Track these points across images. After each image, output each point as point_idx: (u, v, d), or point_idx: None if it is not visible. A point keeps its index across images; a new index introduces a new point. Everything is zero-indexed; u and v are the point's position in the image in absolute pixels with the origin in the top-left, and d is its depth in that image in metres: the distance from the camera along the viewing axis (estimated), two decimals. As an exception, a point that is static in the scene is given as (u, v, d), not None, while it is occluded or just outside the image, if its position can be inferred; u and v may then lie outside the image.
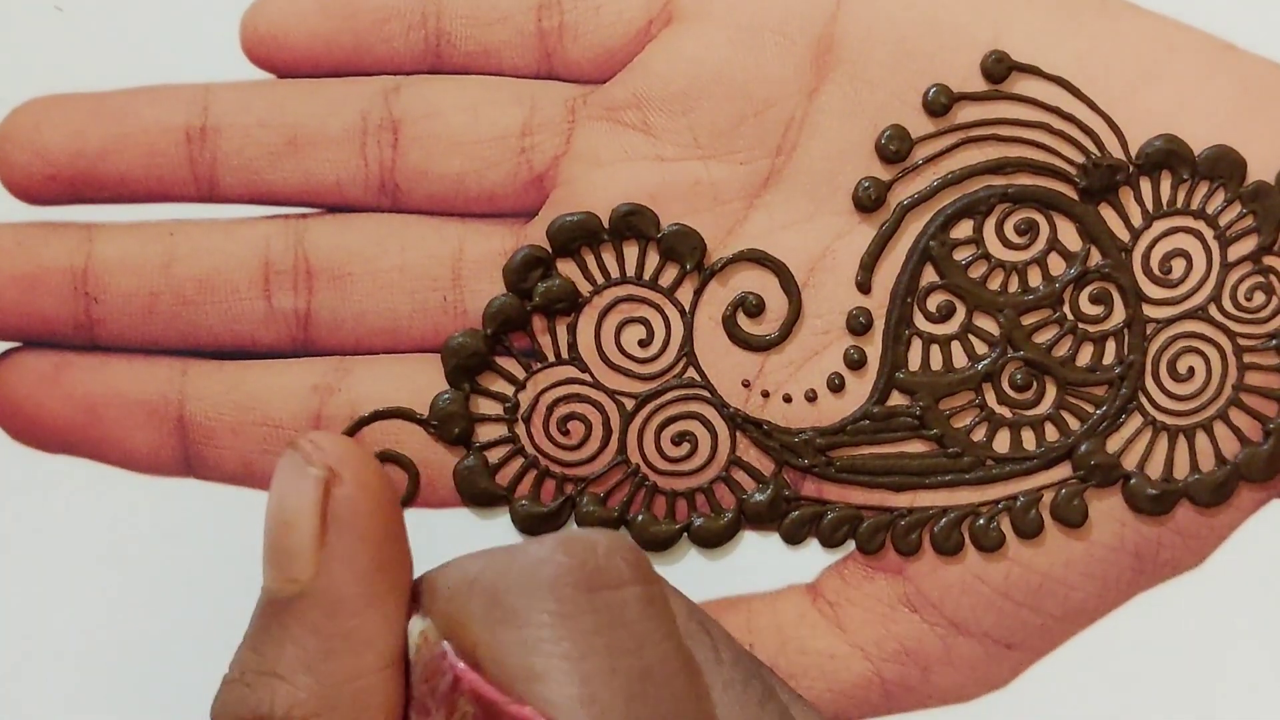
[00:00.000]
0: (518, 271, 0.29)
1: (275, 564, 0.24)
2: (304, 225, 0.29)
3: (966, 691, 0.31)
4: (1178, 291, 0.30)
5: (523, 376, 0.30)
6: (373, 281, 0.29)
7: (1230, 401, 0.31)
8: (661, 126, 0.29)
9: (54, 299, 0.29)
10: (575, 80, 0.30)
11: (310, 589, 0.23)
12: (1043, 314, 0.30)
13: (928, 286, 0.30)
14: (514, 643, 0.22)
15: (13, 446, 0.30)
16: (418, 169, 0.29)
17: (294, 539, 0.24)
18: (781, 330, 0.30)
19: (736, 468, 0.30)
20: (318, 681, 0.23)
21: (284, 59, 0.29)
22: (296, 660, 0.23)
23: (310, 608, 0.23)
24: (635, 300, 0.30)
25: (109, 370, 0.29)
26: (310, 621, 0.23)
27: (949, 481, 0.30)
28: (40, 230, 0.29)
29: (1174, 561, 0.31)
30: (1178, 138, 0.30)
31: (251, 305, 0.29)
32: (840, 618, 0.31)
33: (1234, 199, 0.30)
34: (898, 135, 0.29)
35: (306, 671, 0.23)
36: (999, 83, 0.30)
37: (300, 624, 0.23)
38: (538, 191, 0.29)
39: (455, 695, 0.22)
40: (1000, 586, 0.30)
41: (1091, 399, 0.30)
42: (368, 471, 0.24)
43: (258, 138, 0.29)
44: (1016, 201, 0.30)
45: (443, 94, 0.29)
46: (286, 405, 0.29)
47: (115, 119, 0.29)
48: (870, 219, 0.30)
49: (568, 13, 0.29)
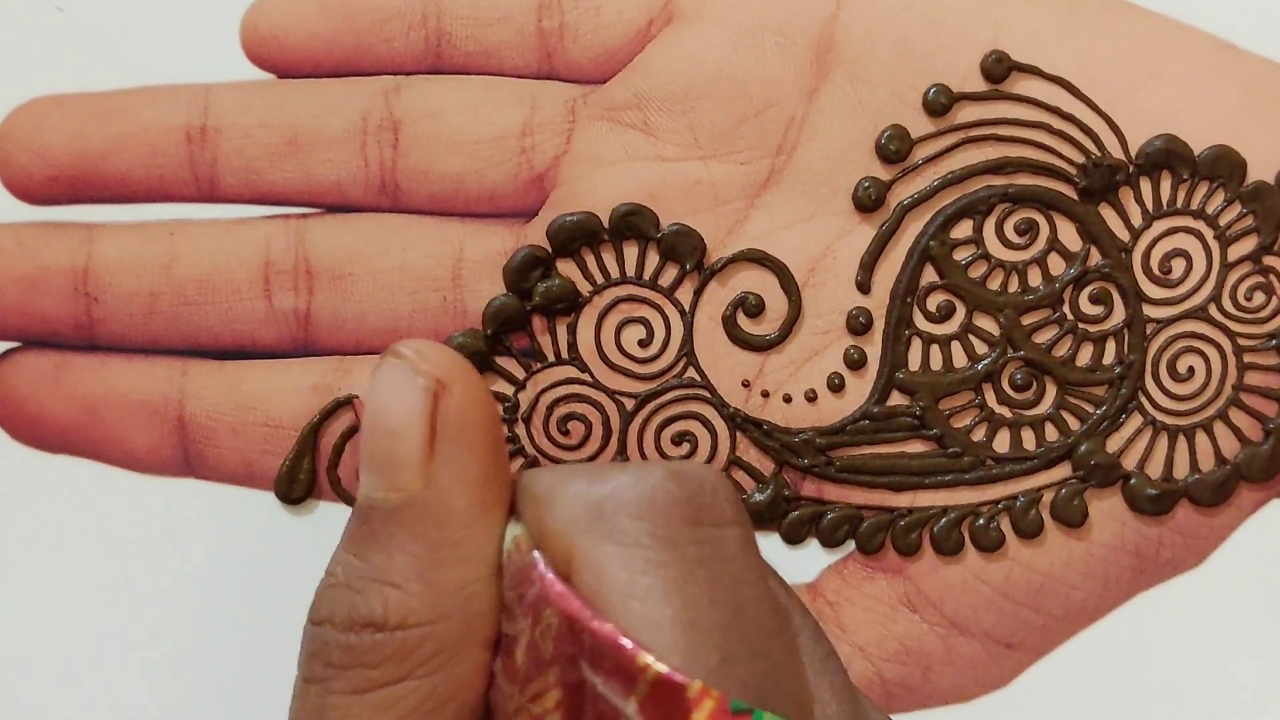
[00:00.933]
0: (518, 271, 0.29)
1: (381, 472, 0.24)
2: (304, 225, 0.29)
3: (967, 691, 0.31)
4: (1178, 291, 0.30)
5: (523, 376, 0.30)
6: (373, 281, 0.29)
7: (1230, 401, 0.31)
8: (662, 126, 0.29)
9: (54, 299, 0.29)
10: (575, 80, 0.30)
11: (419, 499, 0.23)
12: (1043, 314, 0.30)
13: (928, 286, 0.30)
14: (616, 557, 0.22)
15: (13, 446, 0.30)
16: (418, 169, 0.29)
17: (402, 448, 0.24)
18: (781, 330, 0.30)
19: (736, 467, 0.30)
20: (430, 589, 0.23)
21: (284, 59, 0.29)
22: (408, 568, 0.23)
23: (419, 518, 0.23)
24: (635, 300, 0.30)
25: (109, 370, 0.29)
26: (420, 531, 0.23)
27: (949, 481, 0.30)
28: (41, 230, 0.29)
29: (1174, 561, 0.31)
30: (1178, 138, 0.30)
31: (252, 305, 0.29)
32: (840, 618, 0.31)
33: (1234, 199, 0.30)
34: (898, 135, 0.29)
35: (419, 579, 0.23)
36: (999, 83, 0.30)
37: (408, 533, 0.23)
38: (538, 191, 0.30)
39: (542, 606, 0.23)
40: (1000, 586, 0.30)
41: (1091, 399, 0.30)
42: (475, 383, 0.24)
43: (258, 138, 0.29)
44: (1016, 201, 0.30)
45: (443, 94, 0.29)
46: (287, 405, 0.29)
47: (116, 119, 0.29)
48: (870, 219, 0.30)
49: (568, 13, 0.29)
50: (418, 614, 0.23)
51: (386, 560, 0.23)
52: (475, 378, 0.24)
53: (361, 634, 0.23)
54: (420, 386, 0.24)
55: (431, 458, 0.24)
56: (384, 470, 0.24)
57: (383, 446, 0.24)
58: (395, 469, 0.24)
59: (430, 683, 0.23)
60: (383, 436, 0.24)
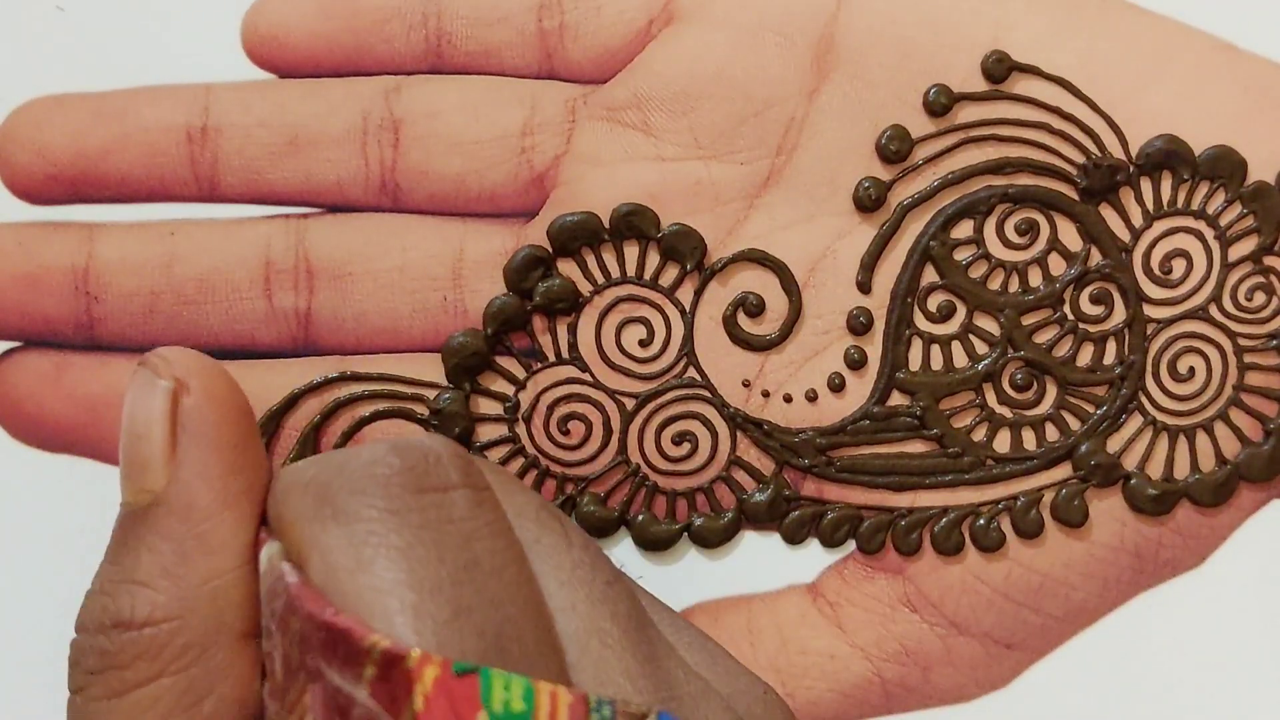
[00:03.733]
0: (518, 271, 0.29)
1: (129, 476, 0.24)
2: (305, 225, 0.29)
3: (967, 692, 0.31)
4: (1178, 291, 0.30)
5: (523, 376, 0.30)
6: (373, 281, 0.29)
7: (1230, 401, 0.31)
8: (662, 126, 0.29)
9: (55, 298, 0.29)
10: (576, 80, 0.30)
11: (164, 497, 0.24)
12: (1043, 314, 0.30)
13: (928, 286, 0.30)
14: (342, 537, 0.23)
15: (13, 446, 0.30)
16: (418, 169, 0.29)
17: (145, 450, 0.24)
18: (782, 330, 0.30)
19: (737, 467, 0.30)
20: (175, 584, 0.23)
21: (285, 59, 0.29)
22: (154, 565, 0.24)
23: (164, 515, 0.24)
24: (636, 300, 0.30)
25: (110, 370, 0.29)
26: (165, 529, 0.24)
27: (949, 481, 0.30)
28: (41, 230, 0.29)
29: (1174, 561, 0.31)
30: (1178, 138, 0.30)
31: (252, 305, 0.29)
32: (840, 618, 0.31)
33: (1234, 199, 0.30)
34: (898, 135, 0.29)
35: (164, 575, 0.24)
36: (999, 83, 0.30)
37: (155, 532, 0.24)
38: (538, 191, 0.29)
39: (289, 615, 0.22)
40: (1000, 586, 0.30)
41: (1092, 399, 0.30)
42: (215, 381, 0.25)
43: (258, 138, 0.29)
44: (1017, 201, 0.30)
45: (443, 94, 0.29)
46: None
47: (116, 119, 0.29)
48: (871, 219, 0.30)
49: (568, 13, 0.29)
50: (164, 609, 0.23)
51: (134, 561, 0.24)
52: (218, 376, 0.25)
53: (111, 635, 0.23)
54: (162, 388, 0.24)
55: (173, 456, 0.24)
56: (131, 474, 0.24)
57: (130, 451, 0.24)
58: (141, 470, 0.24)
59: (185, 678, 0.23)
60: (130, 441, 0.24)
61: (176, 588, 0.23)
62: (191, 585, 0.24)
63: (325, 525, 0.23)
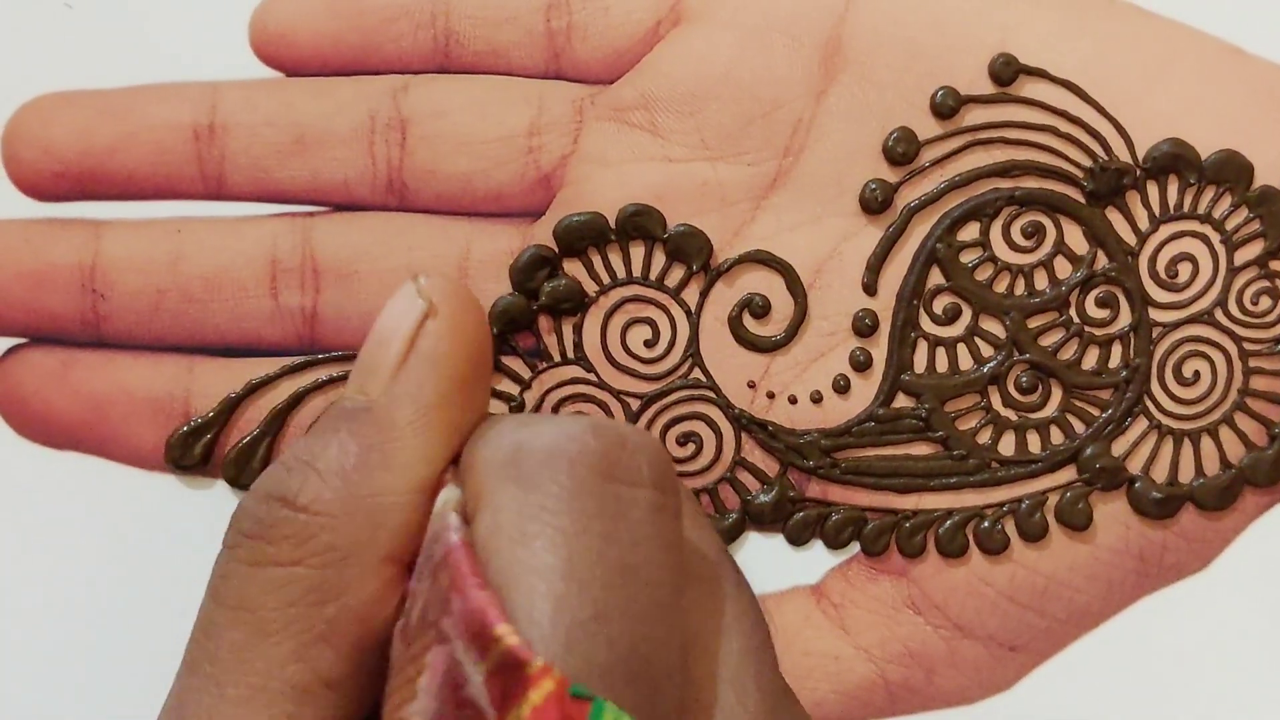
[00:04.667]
0: (524, 271, 0.29)
1: (356, 374, 0.25)
2: (311, 224, 0.29)
3: (970, 694, 0.31)
4: (1184, 295, 0.30)
5: (528, 376, 0.30)
6: (379, 280, 0.29)
7: (1236, 406, 0.31)
8: (669, 127, 0.29)
9: (61, 296, 0.29)
10: (583, 80, 0.30)
11: (373, 404, 0.24)
12: (1049, 317, 0.30)
13: (934, 289, 0.30)
14: (515, 501, 0.23)
15: (19, 443, 0.30)
16: (425, 168, 0.29)
17: (379, 357, 0.25)
18: (787, 332, 0.30)
19: (741, 469, 0.30)
20: (345, 485, 0.24)
21: (292, 57, 0.29)
22: (335, 460, 0.24)
23: (366, 420, 0.24)
24: (641, 301, 0.30)
25: (116, 367, 0.29)
26: (360, 432, 0.24)
27: (954, 484, 0.30)
28: (48, 227, 0.29)
29: (1178, 565, 0.31)
30: (1184, 141, 0.30)
31: (258, 303, 0.29)
32: (844, 619, 0.31)
33: (1241, 203, 0.30)
34: (905, 137, 0.29)
35: (338, 474, 0.24)
36: (1006, 85, 0.30)
37: (351, 432, 0.24)
38: (545, 191, 0.30)
39: (441, 568, 0.22)
40: (1005, 589, 0.30)
41: (1097, 402, 0.30)
42: (464, 314, 0.25)
43: (265, 136, 0.29)
44: (1023, 204, 0.30)
45: (451, 93, 0.29)
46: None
47: (123, 116, 0.29)
48: (877, 221, 0.30)
49: (576, 13, 0.29)
50: (325, 504, 0.24)
51: (322, 448, 0.24)
52: (470, 311, 0.25)
53: (272, 506, 0.24)
54: (417, 306, 0.25)
55: (399, 372, 0.24)
56: (359, 373, 0.25)
57: (366, 352, 0.25)
58: (367, 374, 0.25)
59: (319, 575, 0.23)
60: (371, 345, 0.25)
61: (345, 488, 0.24)
62: (358, 492, 0.24)
63: (505, 484, 0.23)
